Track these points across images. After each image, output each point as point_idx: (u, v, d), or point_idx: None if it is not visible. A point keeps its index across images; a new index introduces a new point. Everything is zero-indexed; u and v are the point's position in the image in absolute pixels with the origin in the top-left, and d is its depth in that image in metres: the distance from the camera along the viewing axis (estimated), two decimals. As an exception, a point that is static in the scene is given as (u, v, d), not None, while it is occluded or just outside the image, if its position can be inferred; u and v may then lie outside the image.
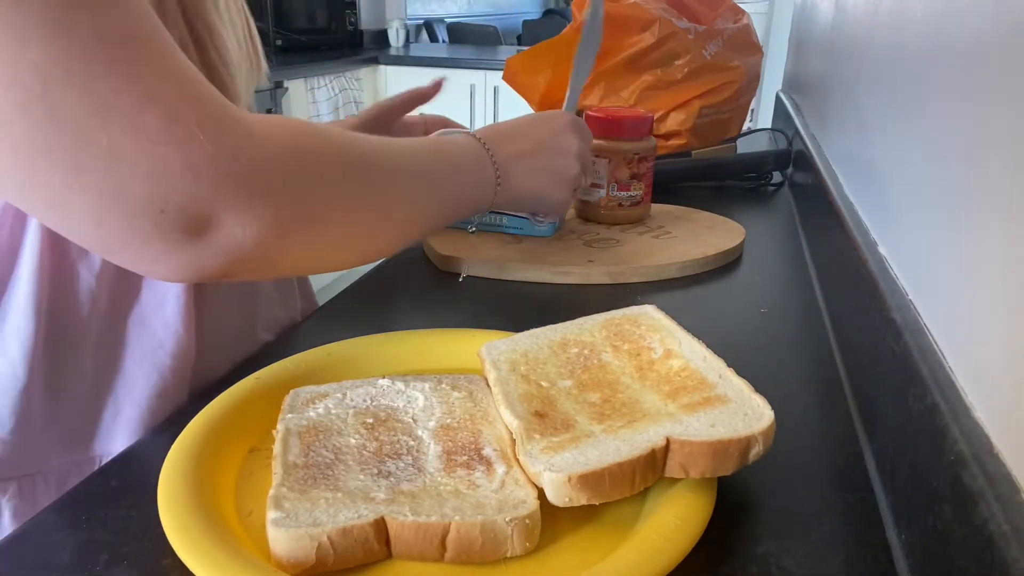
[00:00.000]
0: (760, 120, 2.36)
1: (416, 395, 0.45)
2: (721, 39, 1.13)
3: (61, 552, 0.36)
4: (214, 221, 0.37)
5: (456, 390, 0.46)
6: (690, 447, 0.36)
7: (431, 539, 0.34)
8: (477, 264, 0.74)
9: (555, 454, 0.36)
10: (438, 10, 4.72)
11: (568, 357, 0.46)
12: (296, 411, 0.43)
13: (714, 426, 0.37)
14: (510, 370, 0.45)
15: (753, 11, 1.65)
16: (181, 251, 0.38)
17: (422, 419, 0.43)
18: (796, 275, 0.76)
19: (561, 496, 0.35)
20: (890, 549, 0.38)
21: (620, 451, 0.36)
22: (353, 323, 0.63)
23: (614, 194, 0.84)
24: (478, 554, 0.35)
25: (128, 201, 0.35)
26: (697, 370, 0.43)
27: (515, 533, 0.34)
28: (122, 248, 0.38)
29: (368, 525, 0.34)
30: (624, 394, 0.42)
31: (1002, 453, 0.30)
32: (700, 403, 0.39)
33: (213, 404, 0.45)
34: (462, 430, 0.42)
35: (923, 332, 0.41)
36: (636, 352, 0.46)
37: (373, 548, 0.34)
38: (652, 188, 0.87)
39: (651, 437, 0.37)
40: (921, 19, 0.52)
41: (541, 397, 0.42)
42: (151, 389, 0.53)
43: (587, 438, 0.38)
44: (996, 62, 0.36)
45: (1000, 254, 0.33)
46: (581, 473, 0.35)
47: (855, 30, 0.80)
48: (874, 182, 0.61)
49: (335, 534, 0.34)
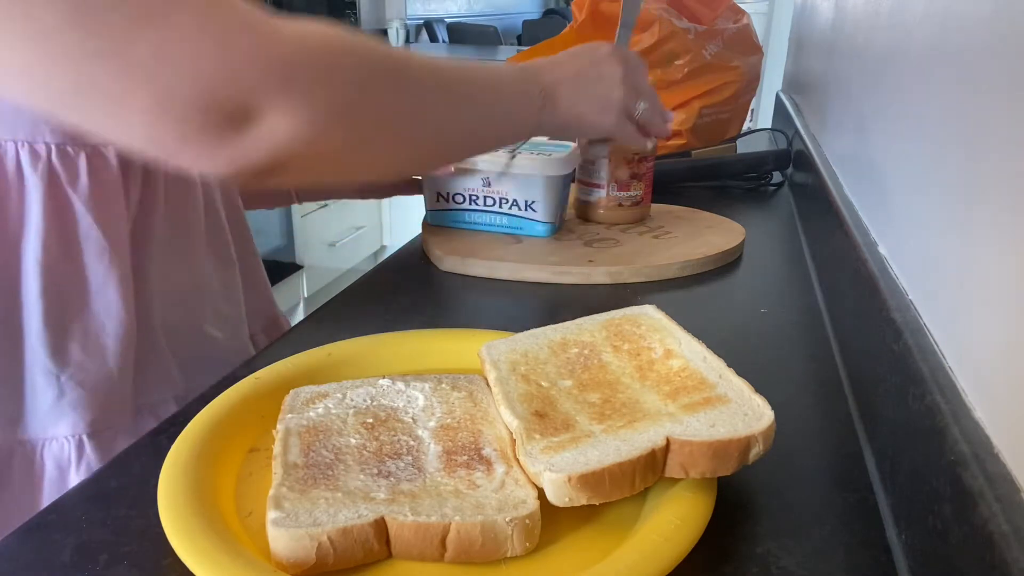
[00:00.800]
0: (760, 120, 2.36)
1: (416, 395, 0.45)
2: (721, 39, 1.13)
3: (61, 552, 0.36)
4: (256, 113, 0.39)
5: (456, 390, 0.46)
6: (690, 447, 0.36)
7: (431, 539, 0.34)
8: (477, 264, 0.74)
9: (555, 454, 0.36)
10: (438, 10, 4.71)
11: (568, 357, 0.46)
12: (296, 411, 0.43)
13: (714, 426, 0.37)
14: (510, 370, 0.45)
15: (753, 11, 1.64)
16: (227, 145, 0.39)
17: (422, 419, 0.43)
18: (796, 275, 0.76)
19: (561, 496, 0.35)
20: (890, 549, 0.38)
21: (620, 451, 0.36)
22: (353, 323, 0.63)
23: (614, 194, 0.84)
24: (478, 554, 0.35)
25: (177, 98, 0.37)
26: (697, 370, 0.43)
27: (515, 533, 0.34)
28: (178, 147, 0.39)
29: (368, 525, 0.34)
30: (624, 394, 0.42)
31: (1002, 453, 0.30)
32: (700, 403, 0.39)
33: (213, 404, 0.45)
34: (462, 430, 0.42)
35: (923, 332, 0.41)
36: (636, 352, 0.46)
37: (373, 548, 0.34)
38: (652, 188, 0.87)
39: (651, 437, 0.37)
40: (921, 19, 0.52)
41: (541, 397, 0.42)
42: (95, 373, 0.54)
43: (587, 438, 0.38)
44: (996, 62, 0.36)
45: (1000, 254, 0.33)
46: (581, 473, 0.35)
47: (855, 30, 0.80)
48: (874, 182, 0.61)
49: (335, 534, 0.34)
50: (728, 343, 0.49)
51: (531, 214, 0.80)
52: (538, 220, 0.81)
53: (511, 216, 0.81)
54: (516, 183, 0.80)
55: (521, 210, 0.81)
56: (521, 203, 0.80)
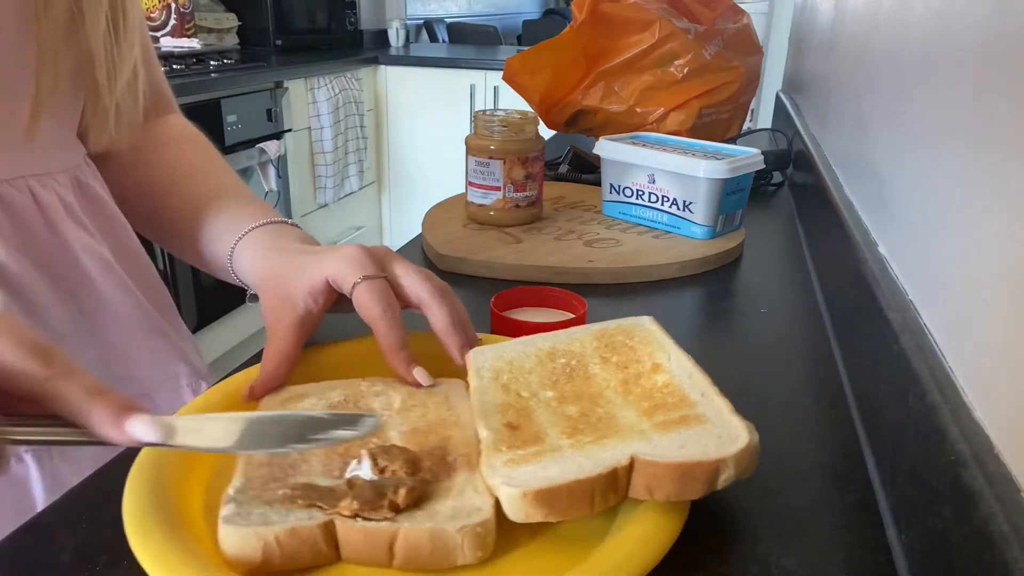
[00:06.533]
0: (760, 120, 2.36)
1: (394, 397, 0.45)
2: (721, 39, 1.13)
3: (61, 552, 0.36)
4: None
5: (433, 394, 0.45)
6: (654, 468, 0.34)
7: (379, 545, 0.34)
8: (477, 264, 0.74)
9: (516, 468, 0.35)
10: (438, 10, 4.71)
11: (554, 367, 0.45)
12: (273, 410, 0.43)
13: (683, 447, 0.35)
14: (492, 378, 0.44)
15: (753, 11, 1.64)
16: None
17: (395, 422, 0.43)
18: (796, 275, 0.76)
19: (517, 512, 0.34)
20: (890, 549, 0.38)
21: (582, 468, 0.34)
22: (353, 323, 0.63)
23: (510, 195, 0.83)
24: (428, 561, 0.34)
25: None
26: (680, 387, 0.41)
27: (465, 542, 0.34)
28: None
29: (317, 527, 0.34)
30: (603, 408, 0.40)
31: (1002, 453, 0.30)
32: (676, 422, 0.38)
33: (195, 401, 0.44)
34: (432, 434, 0.41)
35: (923, 332, 0.41)
36: (624, 365, 0.44)
37: (322, 550, 0.34)
38: (543, 187, 0.87)
39: (616, 455, 0.35)
40: (921, 19, 0.52)
41: (518, 408, 0.41)
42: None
43: (552, 452, 0.36)
44: (996, 62, 0.36)
45: (1000, 254, 0.33)
46: (537, 489, 0.33)
47: (855, 30, 0.80)
48: (874, 182, 0.61)
49: (283, 534, 0.33)
50: (728, 343, 0.49)
51: (689, 215, 0.80)
52: (696, 222, 0.80)
53: (671, 215, 0.82)
54: (677, 182, 0.80)
55: (680, 210, 0.81)
56: (680, 203, 0.81)
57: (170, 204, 0.62)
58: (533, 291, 0.63)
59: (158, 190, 0.63)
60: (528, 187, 0.84)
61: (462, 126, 3.09)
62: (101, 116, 0.55)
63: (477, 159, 0.83)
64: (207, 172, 0.64)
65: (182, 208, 0.61)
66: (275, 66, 2.58)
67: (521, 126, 0.82)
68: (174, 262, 2.03)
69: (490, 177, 0.83)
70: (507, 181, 0.83)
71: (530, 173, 0.83)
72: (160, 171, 0.64)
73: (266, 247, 0.54)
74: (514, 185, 0.83)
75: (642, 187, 0.84)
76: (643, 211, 0.85)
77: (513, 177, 0.83)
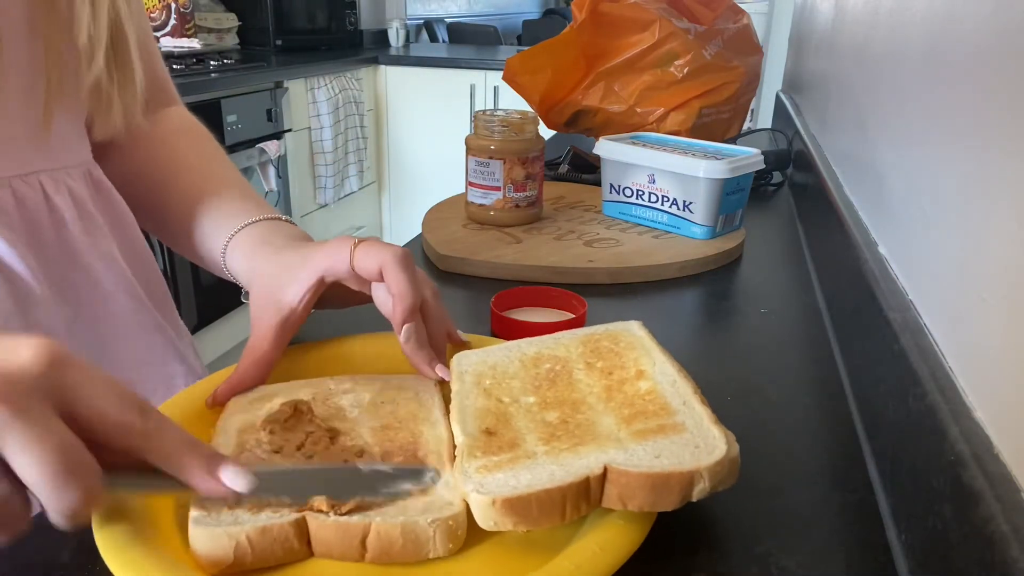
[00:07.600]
0: (760, 120, 2.36)
1: (363, 395, 0.45)
2: (721, 39, 1.13)
3: (61, 552, 0.36)
4: None
5: (403, 391, 0.45)
6: (627, 478, 0.34)
7: (351, 539, 0.34)
8: (477, 264, 0.74)
9: (488, 475, 0.35)
10: (438, 10, 4.71)
11: (538, 372, 0.44)
12: (241, 411, 0.43)
13: (659, 457, 0.35)
14: (474, 383, 0.43)
15: (753, 11, 1.65)
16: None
17: (364, 419, 0.43)
18: (796, 275, 0.76)
19: (486, 519, 0.34)
20: (890, 549, 0.38)
21: (554, 476, 0.34)
22: (352, 323, 0.63)
23: (511, 195, 0.83)
24: (399, 555, 0.34)
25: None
26: (662, 394, 0.40)
27: (437, 535, 0.34)
28: None
29: (289, 524, 0.34)
30: (584, 415, 0.40)
31: (1002, 453, 0.30)
32: (654, 430, 0.37)
33: (174, 400, 0.44)
34: (402, 431, 0.41)
35: (923, 332, 0.41)
36: (608, 371, 0.44)
37: (294, 547, 0.34)
38: (543, 187, 0.87)
39: (589, 464, 0.35)
40: (921, 19, 0.52)
41: (497, 414, 0.40)
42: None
43: (526, 459, 0.36)
44: (996, 62, 0.36)
45: (1000, 254, 0.33)
46: (507, 497, 0.33)
47: (855, 30, 0.80)
48: (874, 182, 0.61)
49: (253, 533, 0.33)
50: (728, 343, 0.49)
51: (689, 215, 0.80)
52: (696, 222, 0.80)
53: (671, 215, 0.82)
54: (677, 182, 0.80)
55: (680, 210, 0.81)
56: (680, 203, 0.81)
57: (167, 198, 0.62)
58: (533, 291, 0.63)
59: (156, 183, 0.63)
60: (528, 187, 0.84)
61: (462, 126, 3.09)
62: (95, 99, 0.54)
63: (477, 159, 0.83)
64: (205, 166, 0.64)
65: (179, 203, 0.61)
66: (275, 66, 2.58)
67: (521, 126, 0.82)
68: (174, 262, 2.03)
69: (490, 177, 0.83)
70: (507, 181, 0.83)
71: (530, 173, 0.83)
72: (158, 164, 0.63)
73: (257, 244, 0.54)
74: (514, 185, 0.83)
75: (642, 187, 0.84)
76: (643, 211, 0.85)
77: (513, 177, 0.83)
